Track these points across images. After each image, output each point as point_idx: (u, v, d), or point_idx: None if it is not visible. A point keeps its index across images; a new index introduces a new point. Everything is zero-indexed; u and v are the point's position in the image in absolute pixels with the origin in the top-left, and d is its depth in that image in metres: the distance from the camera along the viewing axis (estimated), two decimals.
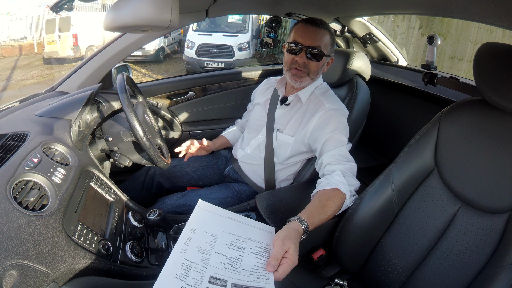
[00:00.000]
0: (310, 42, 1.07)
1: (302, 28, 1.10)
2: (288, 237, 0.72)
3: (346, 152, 1.03)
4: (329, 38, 1.11)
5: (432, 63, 1.36)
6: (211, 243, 0.70)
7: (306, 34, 1.08)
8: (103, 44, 1.75)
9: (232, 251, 0.70)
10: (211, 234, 0.72)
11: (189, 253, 0.66)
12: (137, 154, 1.16)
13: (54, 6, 0.97)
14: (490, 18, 1.03)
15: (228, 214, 0.79)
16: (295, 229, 0.77)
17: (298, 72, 1.11)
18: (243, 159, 1.30)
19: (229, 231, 0.74)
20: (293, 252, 0.69)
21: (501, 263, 0.71)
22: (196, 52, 6.61)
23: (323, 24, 1.10)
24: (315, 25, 1.08)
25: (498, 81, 0.75)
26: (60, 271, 0.61)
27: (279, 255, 0.68)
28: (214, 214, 0.78)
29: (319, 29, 1.08)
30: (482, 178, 0.79)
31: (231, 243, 0.72)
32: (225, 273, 0.64)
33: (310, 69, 1.11)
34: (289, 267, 0.67)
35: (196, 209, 0.77)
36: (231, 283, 0.62)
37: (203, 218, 0.76)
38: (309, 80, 1.14)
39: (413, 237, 0.87)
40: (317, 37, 1.08)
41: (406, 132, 1.25)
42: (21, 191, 0.68)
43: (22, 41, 9.44)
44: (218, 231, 0.73)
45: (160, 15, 0.61)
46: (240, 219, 0.79)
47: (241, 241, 0.73)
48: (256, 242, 0.73)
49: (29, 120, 0.98)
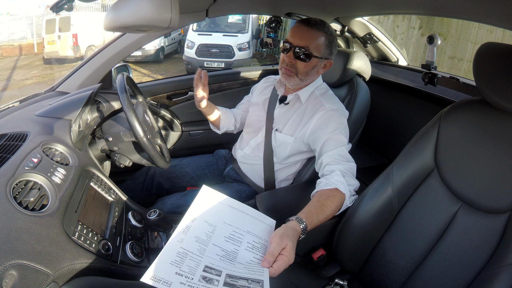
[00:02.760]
0: (298, 42, 1.06)
1: (295, 27, 1.09)
2: (286, 234, 0.72)
3: (345, 152, 1.03)
4: (324, 40, 1.08)
5: (432, 63, 1.36)
6: (209, 234, 0.70)
7: (296, 33, 1.07)
8: (103, 44, 1.74)
9: (229, 244, 0.70)
10: (210, 225, 0.72)
11: (186, 242, 0.66)
12: (137, 154, 1.16)
13: (54, 6, 0.97)
14: (490, 18, 1.03)
15: (230, 203, 0.79)
16: (293, 228, 0.77)
17: (286, 71, 1.11)
18: (242, 159, 1.30)
19: (229, 222, 0.74)
20: (290, 249, 0.69)
21: (501, 263, 0.71)
22: (196, 52, 6.63)
23: (320, 25, 1.07)
24: (309, 25, 1.07)
25: (498, 81, 0.75)
26: (60, 271, 0.61)
27: (276, 252, 0.68)
28: (217, 202, 0.78)
29: (311, 30, 1.06)
30: (482, 178, 0.79)
31: (229, 235, 0.72)
32: (220, 264, 0.64)
33: (297, 69, 1.09)
34: (284, 264, 0.67)
35: (199, 195, 0.77)
36: (225, 273, 0.62)
37: (205, 205, 0.76)
38: (298, 81, 1.12)
39: (413, 237, 0.87)
40: (306, 37, 1.06)
41: (406, 132, 1.25)
42: (21, 191, 0.68)
43: (22, 41, 9.45)
44: (218, 222, 0.73)
45: (160, 15, 0.61)
46: (242, 208, 0.79)
47: (239, 234, 0.73)
48: (254, 237, 0.74)
49: (29, 120, 0.98)
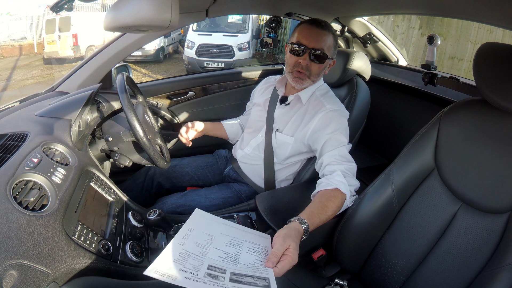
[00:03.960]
0: (314, 44, 1.06)
1: (306, 29, 1.08)
2: (289, 235, 0.72)
3: (346, 152, 1.03)
4: (332, 40, 1.10)
5: (432, 63, 1.36)
6: (209, 241, 0.70)
7: (311, 35, 1.07)
8: (103, 44, 1.74)
9: (230, 248, 0.70)
10: (209, 234, 0.72)
11: (187, 245, 0.66)
12: (137, 154, 1.16)
13: (54, 6, 0.97)
14: (490, 18, 1.03)
15: (224, 221, 0.80)
16: (295, 228, 0.77)
17: (299, 74, 1.10)
18: (243, 159, 1.30)
19: (226, 233, 0.75)
20: (294, 250, 0.69)
21: (501, 263, 0.70)
22: (196, 52, 6.62)
23: (327, 26, 1.09)
24: (320, 26, 1.07)
25: (498, 81, 0.75)
26: (60, 271, 0.61)
27: (279, 252, 0.68)
28: (211, 221, 0.79)
29: (323, 31, 1.07)
30: (482, 178, 0.79)
31: (228, 242, 0.72)
32: (223, 264, 0.64)
33: (312, 71, 1.10)
34: (288, 264, 0.66)
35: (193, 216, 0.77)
36: (230, 271, 0.62)
37: (200, 222, 0.76)
38: (310, 82, 1.13)
39: (413, 237, 0.87)
40: (321, 39, 1.07)
41: (406, 132, 1.25)
42: (21, 191, 0.68)
43: (22, 41, 9.44)
44: (216, 233, 0.74)
45: (160, 15, 0.61)
46: (237, 226, 0.80)
47: (238, 241, 0.73)
48: (253, 244, 0.74)
49: (29, 120, 0.98)
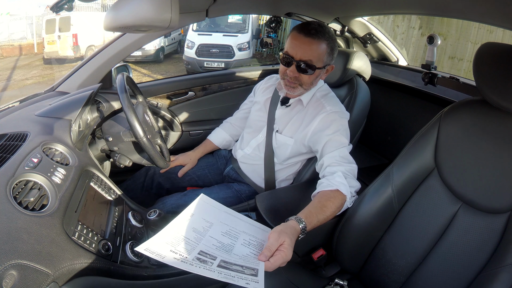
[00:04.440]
0: (301, 55, 1.01)
1: (294, 38, 1.03)
2: (285, 231, 0.72)
3: (347, 153, 1.03)
4: (326, 47, 1.03)
5: (432, 63, 1.36)
6: (206, 228, 0.70)
7: (297, 46, 1.01)
8: (103, 44, 1.74)
9: (225, 238, 0.70)
10: (208, 221, 0.72)
11: (183, 229, 0.66)
12: (137, 154, 1.16)
13: (54, 6, 0.97)
14: (490, 18, 1.03)
15: (227, 210, 0.80)
16: (292, 226, 0.77)
17: (290, 83, 1.08)
18: (243, 159, 1.30)
19: (225, 222, 0.75)
20: (288, 246, 0.69)
21: (501, 263, 0.71)
22: (196, 52, 6.62)
23: (319, 32, 1.01)
24: (309, 35, 1.00)
25: (498, 81, 0.75)
26: (60, 271, 0.61)
27: (273, 247, 0.68)
28: (214, 208, 0.79)
29: (312, 40, 1.00)
30: (482, 178, 0.79)
31: (225, 231, 0.72)
32: (216, 251, 0.64)
33: (302, 81, 1.07)
34: (281, 259, 0.66)
35: (197, 200, 0.77)
36: (220, 259, 0.62)
37: (202, 208, 0.76)
38: (303, 90, 1.11)
39: (413, 237, 0.87)
40: (309, 48, 1.01)
41: (406, 132, 1.25)
42: (21, 191, 0.68)
43: (22, 41, 9.45)
44: (215, 220, 0.74)
45: (160, 15, 0.61)
46: (238, 216, 0.80)
47: (235, 232, 0.73)
48: (250, 236, 0.74)
49: (29, 120, 0.98)
